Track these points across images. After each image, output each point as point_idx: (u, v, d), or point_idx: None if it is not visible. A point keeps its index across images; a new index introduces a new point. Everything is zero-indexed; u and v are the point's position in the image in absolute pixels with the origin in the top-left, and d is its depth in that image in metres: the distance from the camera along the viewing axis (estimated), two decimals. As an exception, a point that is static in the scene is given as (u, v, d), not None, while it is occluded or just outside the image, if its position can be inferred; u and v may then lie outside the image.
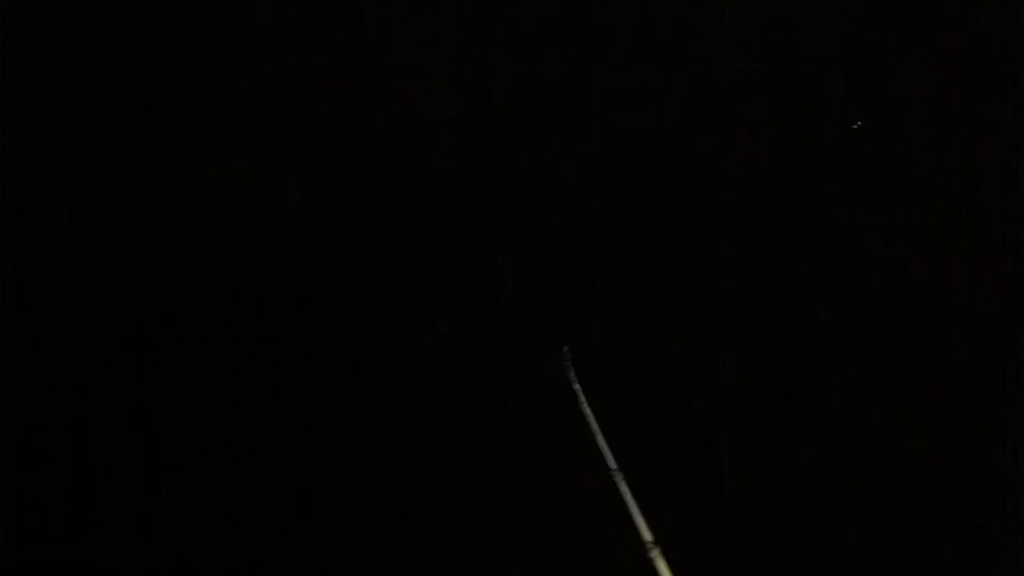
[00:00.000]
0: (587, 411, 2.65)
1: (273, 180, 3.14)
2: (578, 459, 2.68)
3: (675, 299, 3.17)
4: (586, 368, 2.79)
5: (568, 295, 3.18)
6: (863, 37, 3.24)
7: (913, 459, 3.01)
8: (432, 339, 3.12)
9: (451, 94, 3.22)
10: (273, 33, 3.17)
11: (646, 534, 2.45)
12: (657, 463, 2.94)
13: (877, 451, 3.03)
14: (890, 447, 3.03)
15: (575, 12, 3.25)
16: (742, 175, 3.24)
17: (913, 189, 3.19)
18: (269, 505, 2.98)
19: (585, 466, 2.62)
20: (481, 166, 3.21)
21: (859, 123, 3.10)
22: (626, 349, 3.15)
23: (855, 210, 3.21)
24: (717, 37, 3.24)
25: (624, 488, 2.51)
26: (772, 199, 3.23)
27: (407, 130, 3.20)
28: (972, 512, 2.94)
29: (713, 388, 3.10)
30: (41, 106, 3.08)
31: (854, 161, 3.22)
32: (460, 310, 3.14)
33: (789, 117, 3.24)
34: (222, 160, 3.13)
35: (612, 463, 2.56)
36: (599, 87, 3.24)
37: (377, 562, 2.94)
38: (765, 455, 3.05)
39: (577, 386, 2.72)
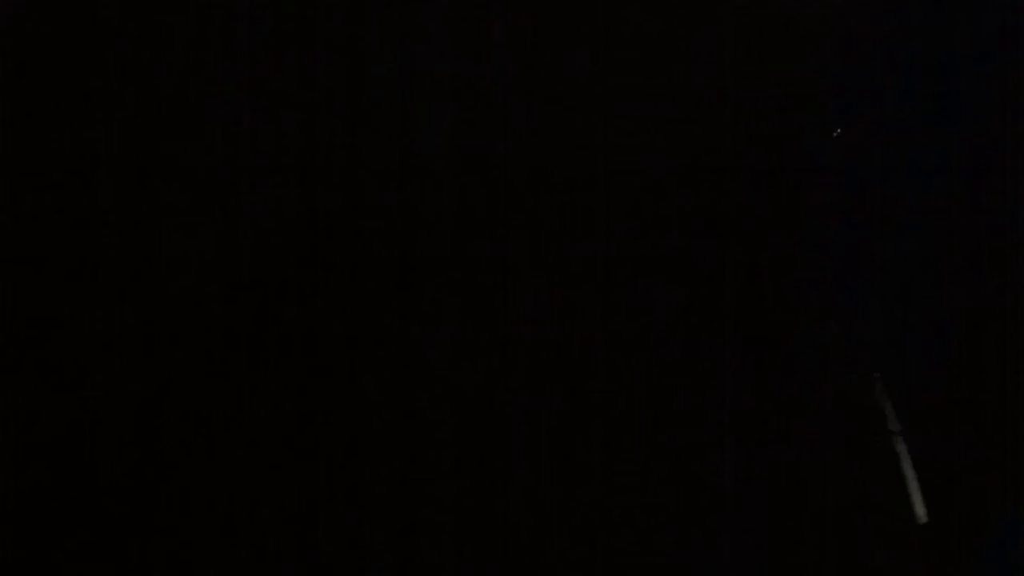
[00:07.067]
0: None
1: (273, 179, 3.14)
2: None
3: (674, 299, 3.18)
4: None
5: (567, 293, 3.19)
6: (863, 37, 3.26)
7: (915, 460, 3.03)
8: (434, 340, 3.13)
9: (451, 93, 3.23)
10: (273, 32, 3.17)
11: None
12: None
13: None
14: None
15: (575, 12, 3.26)
16: (742, 176, 3.25)
17: (913, 189, 3.20)
18: (268, 505, 2.98)
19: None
20: (482, 166, 3.21)
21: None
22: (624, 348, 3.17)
23: (855, 210, 3.22)
24: (718, 37, 3.25)
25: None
26: (771, 200, 3.24)
27: (407, 130, 3.20)
28: (973, 512, 2.96)
29: (709, 389, 3.11)
30: (40, 105, 3.07)
31: (853, 161, 3.24)
32: (461, 311, 3.15)
33: (789, 118, 3.25)
34: (221, 159, 3.13)
35: None
36: (599, 88, 3.25)
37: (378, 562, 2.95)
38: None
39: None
